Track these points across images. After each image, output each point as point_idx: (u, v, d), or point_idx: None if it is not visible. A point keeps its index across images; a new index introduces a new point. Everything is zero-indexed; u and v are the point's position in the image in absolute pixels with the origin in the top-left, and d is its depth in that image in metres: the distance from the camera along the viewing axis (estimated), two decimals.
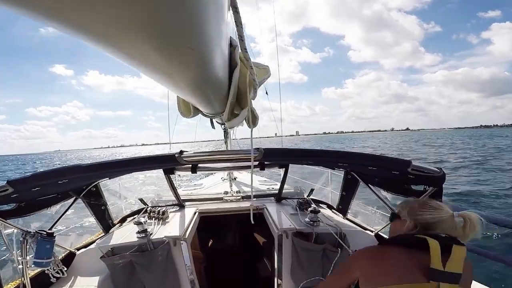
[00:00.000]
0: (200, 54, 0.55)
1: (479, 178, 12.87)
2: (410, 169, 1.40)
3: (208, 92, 0.76)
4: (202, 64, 0.60)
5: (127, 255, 1.96)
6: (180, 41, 0.46)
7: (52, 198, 1.86)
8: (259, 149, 1.56)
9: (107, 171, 1.84)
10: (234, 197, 3.27)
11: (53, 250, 1.72)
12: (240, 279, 3.37)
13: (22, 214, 1.67)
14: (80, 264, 2.04)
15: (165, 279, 2.02)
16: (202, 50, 0.54)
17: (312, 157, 1.81)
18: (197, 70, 0.61)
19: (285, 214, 2.61)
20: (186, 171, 2.40)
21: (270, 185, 4.32)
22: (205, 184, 4.95)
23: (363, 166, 1.86)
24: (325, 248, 2.08)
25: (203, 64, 0.60)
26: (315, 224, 2.26)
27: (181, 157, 1.55)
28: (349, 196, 2.55)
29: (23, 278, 1.57)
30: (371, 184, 2.12)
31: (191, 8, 0.41)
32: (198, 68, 0.60)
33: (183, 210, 2.84)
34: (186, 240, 2.11)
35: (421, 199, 1.15)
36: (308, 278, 2.06)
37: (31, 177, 1.40)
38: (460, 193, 9.67)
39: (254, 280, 3.27)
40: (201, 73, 0.64)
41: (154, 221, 2.41)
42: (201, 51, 0.54)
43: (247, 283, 3.27)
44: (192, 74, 0.62)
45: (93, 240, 2.32)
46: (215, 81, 0.72)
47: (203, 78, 0.66)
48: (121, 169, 1.92)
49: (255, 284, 3.21)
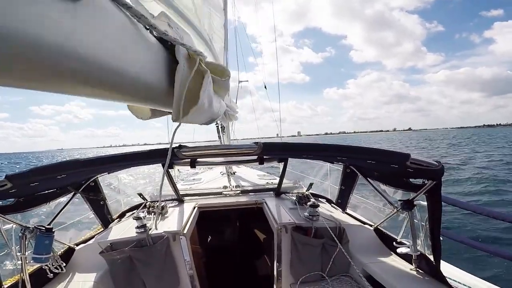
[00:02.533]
0: (91, 73, 0.50)
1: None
2: (409, 163, 1.39)
3: (145, 95, 0.75)
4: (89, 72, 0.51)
5: (126, 250, 1.96)
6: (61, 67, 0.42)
7: (51, 193, 1.85)
8: (258, 143, 1.55)
9: (105, 166, 1.83)
10: (233, 192, 3.27)
11: (52, 246, 1.71)
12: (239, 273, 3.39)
13: (21, 209, 1.66)
14: (79, 260, 2.04)
15: (164, 274, 2.03)
16: (90, 70, 0.48)
17: (311, 151, 1.80)
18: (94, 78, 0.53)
19: (284, 208, 2.61)
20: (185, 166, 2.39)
21: (269, 179, 4.32)
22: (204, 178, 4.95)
23: (362, 160, 1.86)
24: (324, 243, 2.09)
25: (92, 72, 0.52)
26: (314, 219, 2.26)
27: (180, 152, 1.54)
28: (348, 190, 2.55)
29: (22, 274, 1.57)
30: (370, 178, 2.12)
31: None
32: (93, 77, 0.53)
33: (182, 205, 2.84)
34: (186, 235, 2.11)
35: None
36: (307, 273, 2.07)
37: (30, 172, 1.39)
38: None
39: (253, 275, 3.29)
40: (120, 84, 0.60)
41: (153, 216, 2.41)
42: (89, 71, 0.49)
43: (246, 278, 3.29)
44: (108, 88, 0.58)
45: (92, 236, 2.32)
46: (149, 85, 0.71)
47: (126, 87, 0.63)
48: (120, 164, 1.91)
49: (254, 278, 3.23)
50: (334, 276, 2.07)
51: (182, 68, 0.78)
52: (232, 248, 3.82)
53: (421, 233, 1.77)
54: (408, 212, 1.79)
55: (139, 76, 0.65)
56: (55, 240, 1.75)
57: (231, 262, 3.57)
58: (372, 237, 2.26)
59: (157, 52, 0.76)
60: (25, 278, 1.57)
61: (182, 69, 0.78)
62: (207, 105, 1.03)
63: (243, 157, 2.09)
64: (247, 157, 2.08)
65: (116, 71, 0.56)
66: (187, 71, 0.82)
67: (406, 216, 1.84)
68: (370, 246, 2.19)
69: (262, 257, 3.42)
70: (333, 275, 2.07)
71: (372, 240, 2.24)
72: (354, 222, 2.43)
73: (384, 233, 2.23)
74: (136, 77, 0.64)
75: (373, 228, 2.32)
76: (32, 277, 1.63)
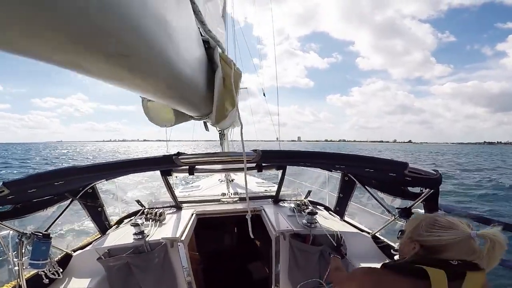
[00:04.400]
0: (143, 60, 0.48)
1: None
2: (407, 171, 1.41)
3: (186, 95, 0.73)
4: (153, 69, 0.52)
5: (123, 256, 1.95)
6: (107, 47, 0.38)
7: (48, 199, 1.85)
8: (257, 150, 1.56)
9: (103, 173, 1.84)
10: (231, 199, 3.27)
11: (49, 252, 1.71)
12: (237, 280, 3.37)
13: (18, 215, 1.66)
14: (76, 266, 2.03)
15: (162, 281, 2.02)
16: (144, 55, 0.47)
17: (310, 159, 1.82)
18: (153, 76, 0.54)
19: (282, 215, 2.61)
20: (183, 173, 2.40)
21: (267, 186, 4.32)
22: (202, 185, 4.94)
23: (360, 168, 1.88)
24: (322, 250, 2.09)
25: (157, 69, 0.53)
26: (313, 226, 2.27)
27: (178, 159, 1.55)
28: (346, 198, 2.56)
29: (19, 280, 1.56)
30: (368, 186, 2.13)
31: (115, 11, 0.34)
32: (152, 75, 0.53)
33: (180, 212, 2.83)
34: (183, 242, 2.11)
35: (432, 215, 0.98)
36: (305, 279, 2.06)
37: (27, 179, 1.40)
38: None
39: (251, 282, 3.27)
40: (165, 78, 0.58)
41: (151, 223, 2.41)
42: (143, 56, 0.47)
43: (244, 285, 3.26)
44: (152, 80, 0.55)
45: (90, 242, 2.31)
46: (190, 84, 0.69)
47: (170, 83, 0.61)
48: (118, 171, 1.91)
49: (252, 285, 3.20)
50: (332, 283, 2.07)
51: (221, 71, 0.77)
52: (230, 255, 3.79)
53: None
54: (405, 220, 1.80)
55: (185, 73, 0.62)
56: (52, 246, 1.75)
57: (229, 268, 3.54)
58: (370, 244, 2.26)
59: (201, 51, 0.73)
60: (22, 283, 1.57)
61: (221, 73, 0.77)
62: (236, 110, 1.04)
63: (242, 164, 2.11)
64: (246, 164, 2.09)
65: (163, 60, 0.53)
66: (225, 74, 0.81)
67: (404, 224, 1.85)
68: (367, 253, 2.19)
69: (260, 264, 3.40)
70: (331, 282, 2.07)
71: (370, 247, 2.25)
72: (352, 229, 2.43)
73: (381, 240, 2.23)
74: (182, 73, 0.61)
75: (370, 236, 2.32)
76: (29, 282, 1.62)
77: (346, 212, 2.69)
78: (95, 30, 0.34)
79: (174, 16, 0.53)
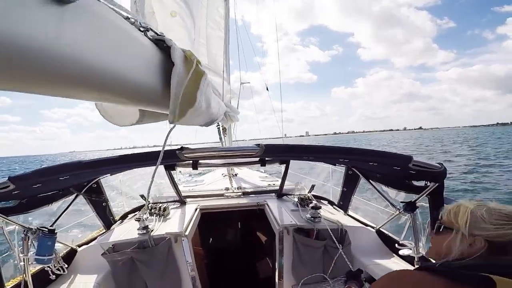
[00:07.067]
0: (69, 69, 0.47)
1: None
2: (411, 165, 1.39)
3: (140, 97, 0.76)
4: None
5: (128, 251, 1.96)
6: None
7: (53, 194, 1.86)
8: (260, 145, 1.55)
9: (108, 167, 1.84)
10: (235, 193, 3.27)
11: (54, 247, 1.72)
12: (241, 275, 3.39)
13: (24, 210, 1.67)
14: (81, 261, 2.05)
15: (166, 276, 2.03)
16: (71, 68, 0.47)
17: (313, 153, 1.80)
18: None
19: (286, 210, 2.60)
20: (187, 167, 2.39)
21: (271, 181, 4.32)
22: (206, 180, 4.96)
23: (364, 161, 1.86)
24: (326, 245, 2.09)
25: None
26: (316, 220, 2.26)
27: (182, 153, 1.55)
28: (350, 192, 2.55)
29: (24, 275, 1.58)
30: (372, 179, 2.11)
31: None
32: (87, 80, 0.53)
33: (184, 207, 2.84)
34: (187, 237, 2.11)
35: (484, 203, 0.78)
36: (309, 274, 2.06)
37: (32, 174, 1.40)
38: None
39: (255, 276, 3.29)
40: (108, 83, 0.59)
41: (155, 218, 2.42)
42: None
43: (248, 279, 3.29)
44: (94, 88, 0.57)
45: (94, 237, 2.32)
46: (142, 85, 0.72)
47: (115, 87, 0.62)
48: (122, 165, 1.91)
49: (256, 280, 3.22)
50: (336, 277, 2.07)
51: (178, 70, 0.79)
52: (234, 249, 3.82)
53: (423, 235, 1.76)
54: (410, 214, 1.79)
55: (133, 77, 0.66)
56: (57, 241, 1.76)
57: (233, 263, 3.56)
58: (374, 238, 2.25)
59: (152, 54, 0.76)
60: (27, 279, 1.58)
61: (178, 71, 0.79)
62: (205, 107, 1.03)
63: (245, 159, 2.10)
64: (249, 159, 2.08)
65: (108, 73, 0.56)
66: (183, 72, 0.82)
67: (408, 218, 1.84)
68: (372, 247, 2.18)
69: (264, 259, 3.42)
70: (335, 277, 2.07)
71: (374, 241, 2.24)
72: (356, 223, 2.42)
73: (386, 234, 2.22)
74: (129, 78, 0.64)
75: (375, 230, 2.31)
76: (34, 278, 1.64)
77: (350, 206, 2.68)
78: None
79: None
